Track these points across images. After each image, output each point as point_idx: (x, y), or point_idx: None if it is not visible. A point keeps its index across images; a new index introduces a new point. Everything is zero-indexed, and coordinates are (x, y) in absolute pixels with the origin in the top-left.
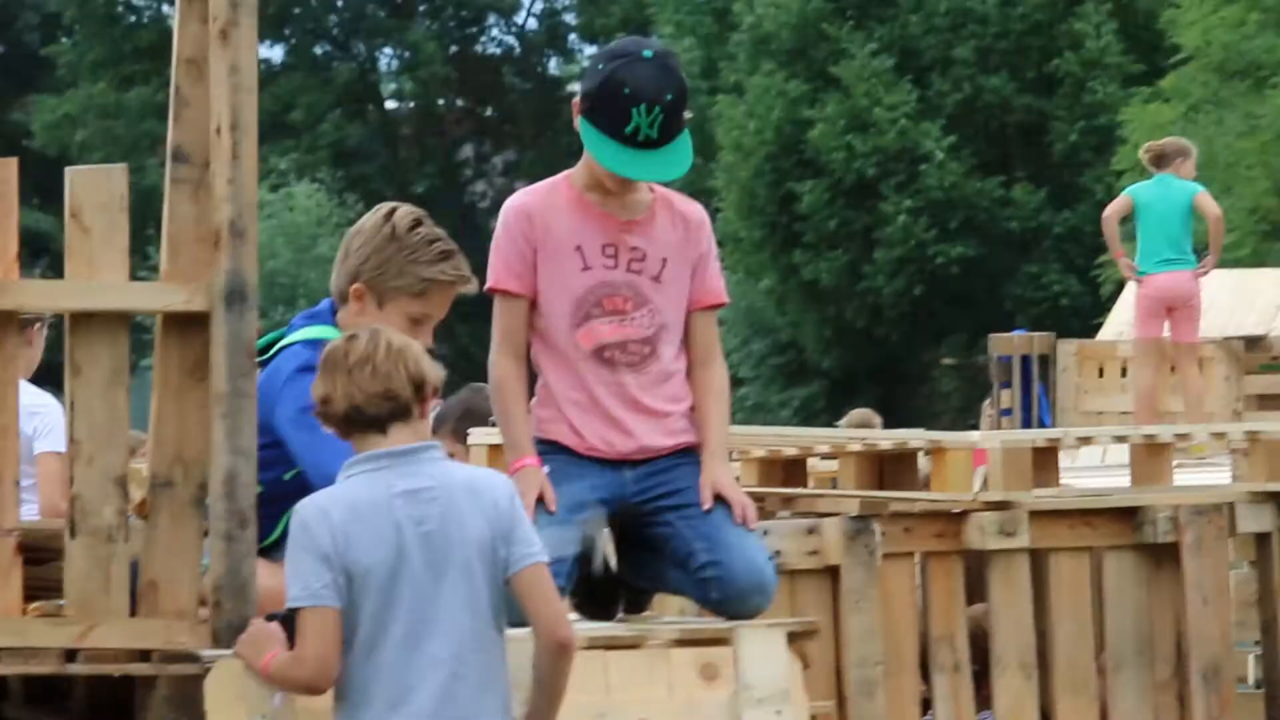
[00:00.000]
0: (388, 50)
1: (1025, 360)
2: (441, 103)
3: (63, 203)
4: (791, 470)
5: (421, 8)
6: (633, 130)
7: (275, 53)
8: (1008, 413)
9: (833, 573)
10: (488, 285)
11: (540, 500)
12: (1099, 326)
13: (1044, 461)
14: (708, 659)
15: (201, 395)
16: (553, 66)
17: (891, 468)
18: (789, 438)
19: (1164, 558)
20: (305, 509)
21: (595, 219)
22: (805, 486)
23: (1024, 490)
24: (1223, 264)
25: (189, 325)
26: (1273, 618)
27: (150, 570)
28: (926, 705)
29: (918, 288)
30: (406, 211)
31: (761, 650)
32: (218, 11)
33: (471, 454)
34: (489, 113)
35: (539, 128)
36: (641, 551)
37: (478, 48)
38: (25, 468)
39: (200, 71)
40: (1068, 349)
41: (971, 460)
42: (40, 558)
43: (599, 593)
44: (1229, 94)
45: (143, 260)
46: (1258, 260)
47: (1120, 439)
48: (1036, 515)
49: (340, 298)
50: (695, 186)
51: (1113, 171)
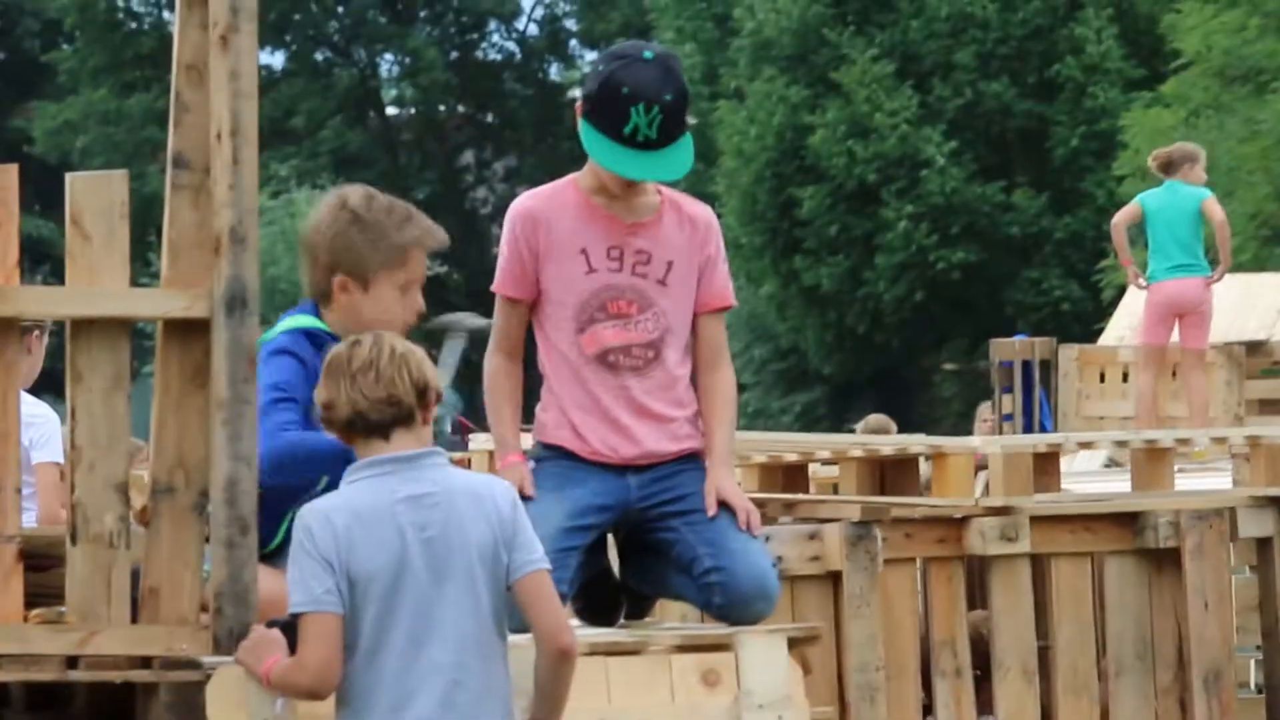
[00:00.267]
0: (388, 56)
1: (1026, 365)
2: (442, 109)
3: (64, 209)
4: (793, 476)
5: (422, 14)
6: (631, 130)
7: (276, 59)
8: (1009, 418)
9: (834, 578)
10: (492, 287)
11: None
12: (1100, 332)
13: (1045, 466)
14: (709, 665)
15: (202, 402)
16: (554, 72)
17: (892, 473)
18: (790, 443)
19: (1165, 562)
20: (308, 514)
21: (600, 221)
22: (806, 492)
23: (1025, 495)
24: None
25: (190, 331)
26: (1274, 622)
27: (151, 577)
28: (928, 710)
29: (919, 293)
30: (356, 191)
31: (763, 656)
32: (218, 17)
33: (473, 460)
34: (490, 119)
35: (540, 133)
36: (645, 557)
37: (478, 53)
38: (24, 477)
39: (201, 77)
40: (1069, 354)
41: (973, 466)
42: (41, 564)
43: (601, 599)
44: (1230, 99)
45: (144, 266)
46: (1259, 265)
47: (1121, 444)
48: (1037, 520)
49: (323, 297)
50: (696, 191)
51: (1114, 177)
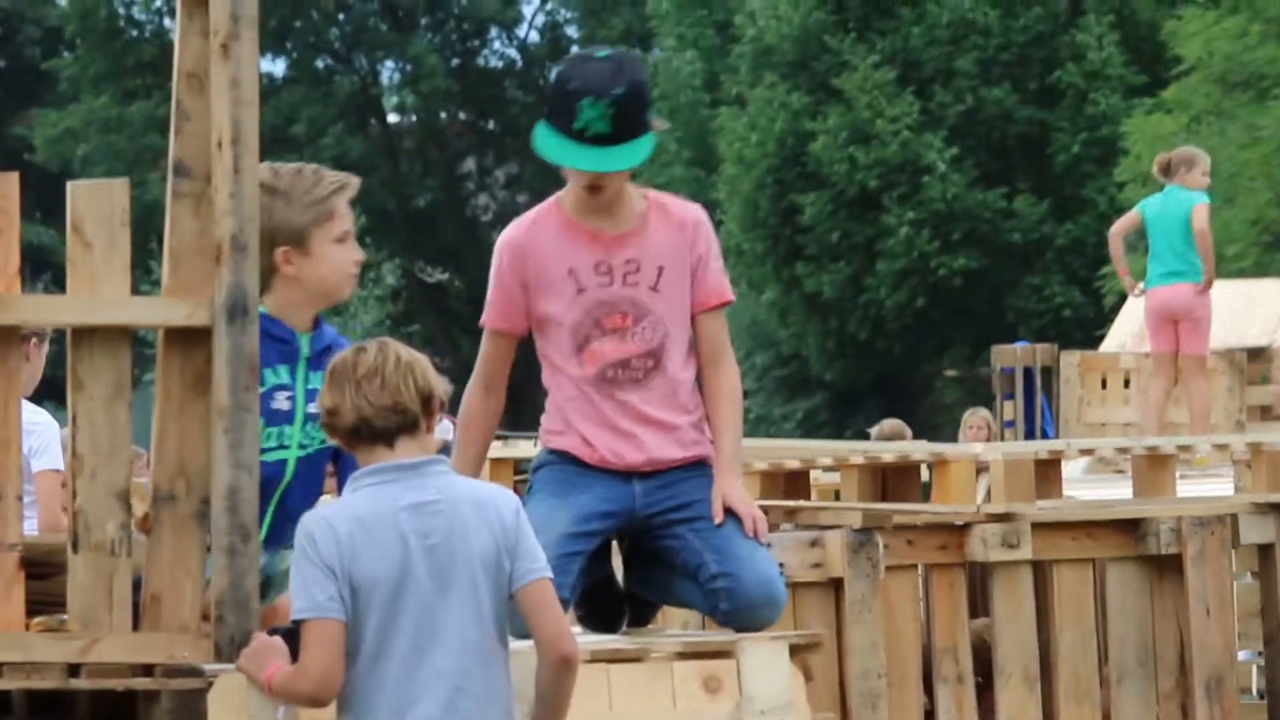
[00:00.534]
0: (389, 64)
1: (1028, 372)
2: (444, 116)
3: (65, 217)
4: (794, 483)
5: (423, 21)
6: (582, 126)
7: (277, 66)
8: (1011, 424)
9: (836, 585)
10: (481, 320)
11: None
12: (1102, 338)
13: (1046, 473)
14: (711, 671)
15: (203, 409)
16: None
17: (894, 480)
18: (792, 450)
19: (1167, 569)
20: (310, 521)
21: (584, 239)
22: (808, 499)
23: (1026, 502)
24: (1225, 275)
25: (191, 339)
26: (1276, 628)
27: (153, 584)
28: (929, 717)
29: (920, 300)
30: (260, 166)
31: (764, 663)
32: (219, 25)
33: None
34: (491, 126)
35: None
36: (649, 564)
37: (480, 61)
38: (24, 485)
39: (201, 85)
40: (1070, 360)
41: (974, 472)
42: (43, 572)
43: (604, 606)
44: (1231, 105)
45: (145, 274)
46: (1260, 271)
47: (1123, 450)
48: (1039, 527)
49: (264, 279)
50: (698, 198)
51: (1115, 183)
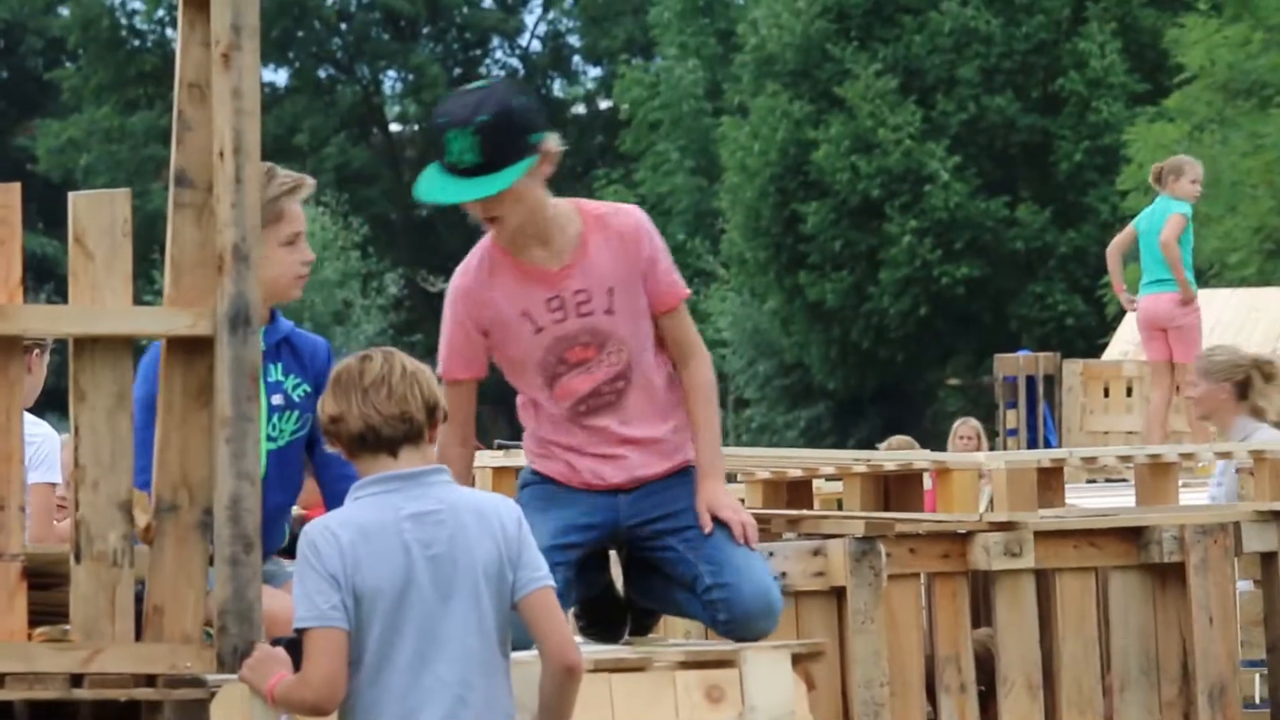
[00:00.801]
0: (391, 73)
1: (1030, 380)
2: None
3: (67, 227)
4: (797, 492)
5: (425, 30)
6: (454, 159)
7: (279, 76)
8: (1013, 433)
9: (838, 594)
10: (438, 373)
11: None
12: (1104, 346)
13: (1049, 482)
14: (713, 681)
15: (206, 419)
16: (557, 88)
17: (896, 489)
18: (794, 459)
19: (1169, 577)
20: (314, 530)
21: (531, 278)
22: (811, 508)
23: (1029, 510)
24: (1227, 284)
25: (193, 349)
26: (1278, 637)
27: (155, 595)
28: None
29: (923, 308)
30: None
31: (767, 672)
32: (220, 35)
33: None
34: None
35: None
36: (648, 574)
37: (482, 70)
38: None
39: (203, 95)
40: (1073, 369)
41: (977, 481)
42: (46, 583)
43: (605, 616)
44: (1233, 113)
45: (148, 284)
46: (1263, 280)
47: (1125, 459)
48: (1042, 535)
49: None
50: (700, 207)
51: (1117, 191)
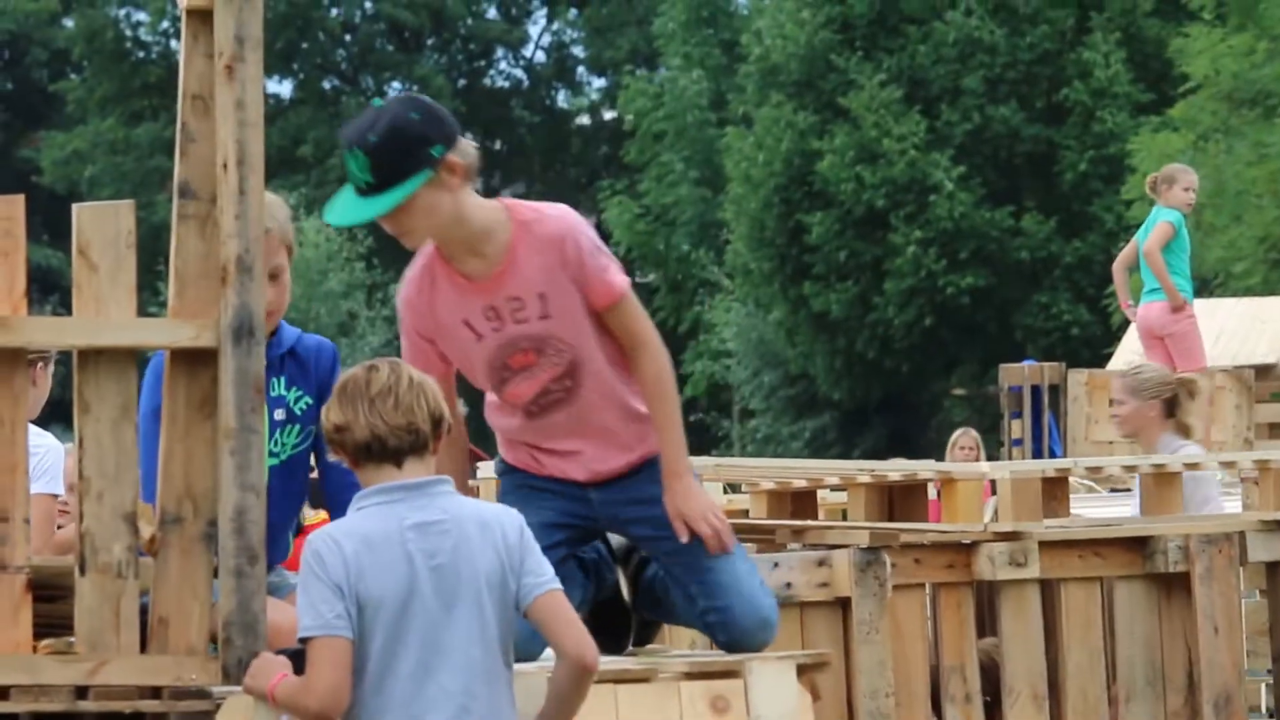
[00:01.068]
0: (396, 84)
1: (1036, 390)
2: None
3: (71, 239)
4: (801, 502)
5: (429, 41)
6: (354, 179)
7: (284, 87)
8: (1018, 443)
9: (843, 604)
10: None
11: None
12: (1109, 356)
13: (1054, 491)
14: (718, 691)
15: (210, 431)
16: (561, 99)
17: (901, 499)
18: (799, 469)
19: (1175, 587)
20: (318, 540)
21: (468, 288)
22: (815, 518)
23: (1034, 520)
24: (1232, 293)
25: (197, 361)
26: None
27: (160, 606)
28: None
29: (928, 318)
30: None
31: (772, 682)
32: (223, 47)
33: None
34: (498, 146)
35: (548, 160)
36: (651, 585)
37: (486, 81)
38: None
39: (207, 107)
40: (1078, 379)
41: (982, 491)
42: (51, 594)
43: (610, 624)
44: (1238, 122)
45: (152, 296)
46: (1269, 289)
47: (1130, 468)
48: (1047, 545)
49: None
50: (705, 218)
51: (1122, 201)
